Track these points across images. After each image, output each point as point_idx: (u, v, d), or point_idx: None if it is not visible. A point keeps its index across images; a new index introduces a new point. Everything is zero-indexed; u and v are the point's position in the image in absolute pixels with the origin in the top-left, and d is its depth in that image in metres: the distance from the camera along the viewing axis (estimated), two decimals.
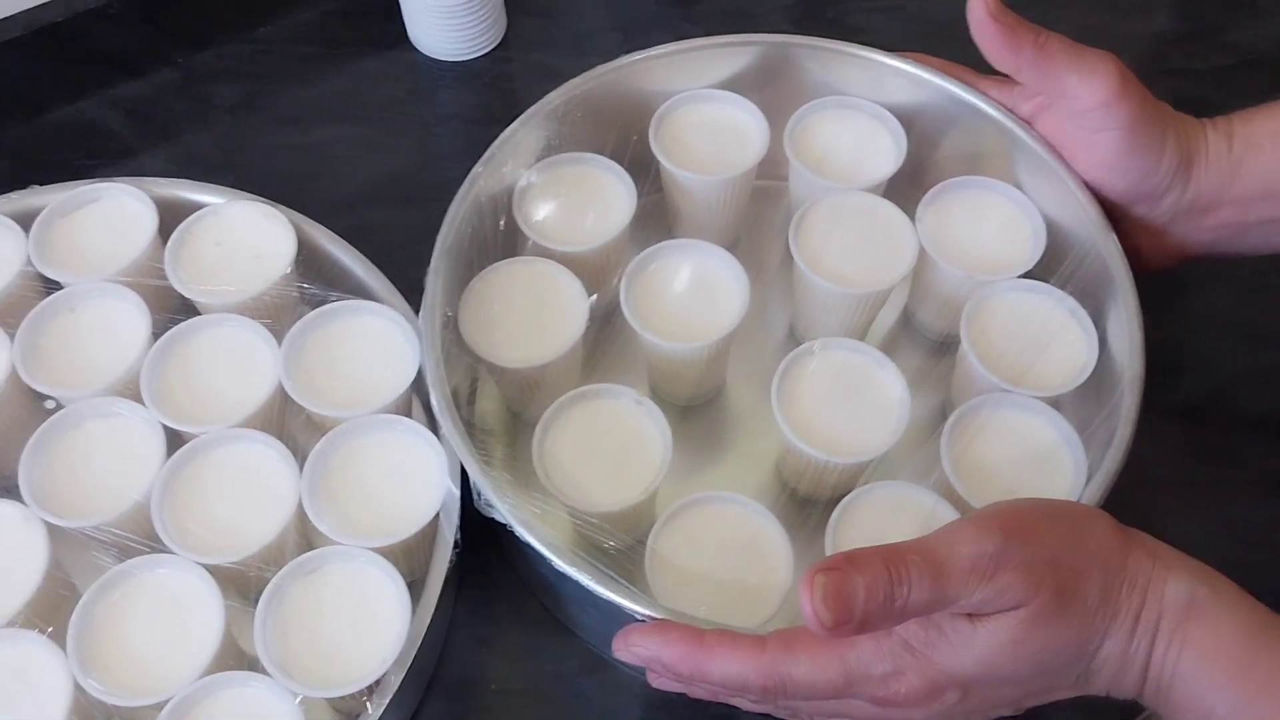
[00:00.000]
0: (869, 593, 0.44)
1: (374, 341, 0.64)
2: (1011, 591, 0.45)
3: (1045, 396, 0.61)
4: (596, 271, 0.68)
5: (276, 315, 0.66)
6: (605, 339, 0.69)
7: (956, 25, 0.65)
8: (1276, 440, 0.70)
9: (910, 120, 0.71)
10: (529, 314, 0.65)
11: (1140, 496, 0.66)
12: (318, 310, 0.64)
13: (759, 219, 0.75)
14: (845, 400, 0.62)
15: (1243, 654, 0.46)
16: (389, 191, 0.80)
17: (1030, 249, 0.67)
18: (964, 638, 0.46)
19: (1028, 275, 0.66)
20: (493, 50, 0.87)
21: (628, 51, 0.71)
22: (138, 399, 0.61)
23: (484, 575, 0.64)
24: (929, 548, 0.46)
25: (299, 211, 0.69)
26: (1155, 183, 0.62)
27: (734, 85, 0.73)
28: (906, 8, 0.90)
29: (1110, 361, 0.62)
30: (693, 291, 0.66)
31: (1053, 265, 0.66)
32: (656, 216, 0.74)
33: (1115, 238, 0.63)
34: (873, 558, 0.45)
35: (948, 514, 0.58)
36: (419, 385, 0.61)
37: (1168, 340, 0.63)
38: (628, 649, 0.51)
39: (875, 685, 0.48)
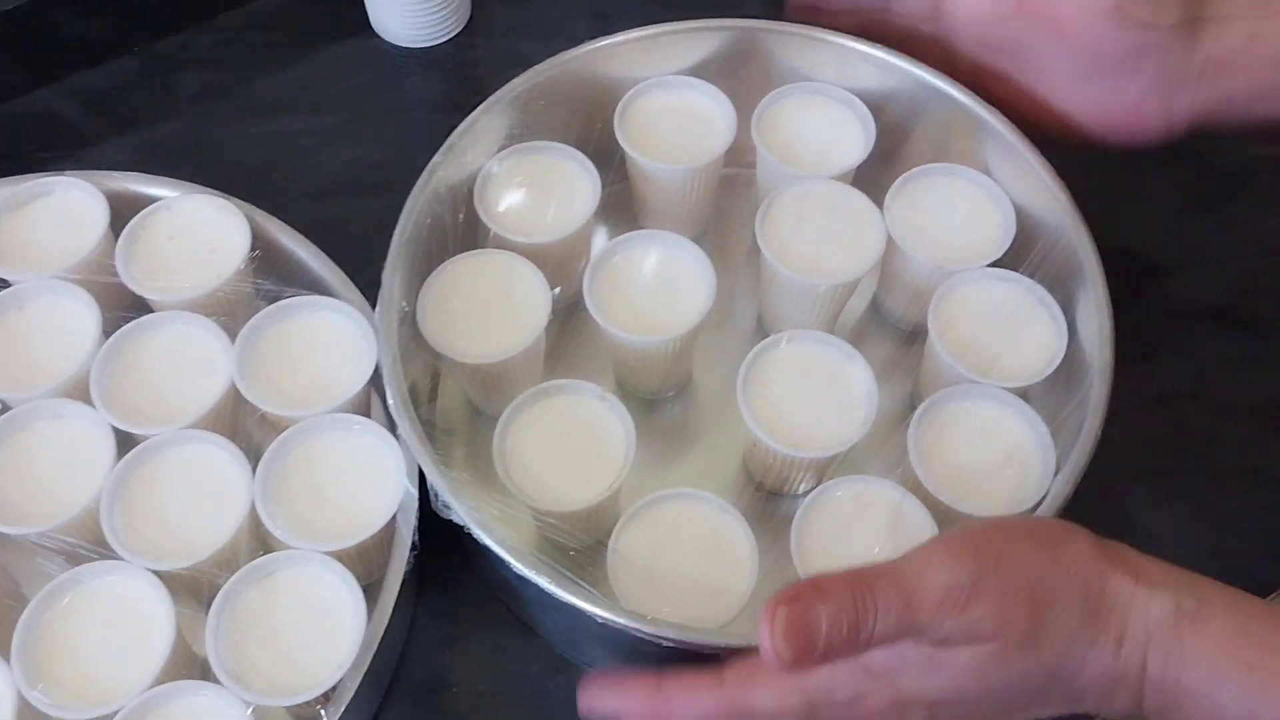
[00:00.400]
0: (832, 623, 0.42)
1: (330, 338, 0.63)
2: (983, 625, 0.43)
3: (1014, 387, 0.60)
4: (560, 263, 0.66)
5: (231, 312, 0.65)
6: (569, 332, 0.68)
7: None
8: (1252, 428, 0.69)
9: (879, 107, 0.70)
10: (490, 308, 0.63)
11: (1116, 486, 0.65)
12: (273, 306, 0.63)
13: (727, 208, 0.74)
14: (812, 393, 0.61)
15: (1243, 651, 0.44)
16: (353, 182, 0.79)
17: (1000, 236, 0.65)
18: (928, 667, 0.45)
19: (997, 263, 0.64)
20: (457, 36, 0.86)
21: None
22: (87, 400, 0.60)
23: (447, 576, 0.63)
24: (899, 573, 0.44)
25: (262, 204, 0.68)
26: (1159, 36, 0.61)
27: (701, 71, 0.71)
28: None
29: (1080, 351, 0.61)
30: (658, 283, 0.64)
31: (1022, 253, 0.65)
32: (622, 206, 0.72)
33: (1085, 226, 0.62)
34: (839, 585, 0.43)
35: (915, 509, 0.57)
36: (377, 383, 0.60)
37: (1142, 327, 0.62)
38: (589, 708, 0.50)
39: (839, 709, 0.46)
